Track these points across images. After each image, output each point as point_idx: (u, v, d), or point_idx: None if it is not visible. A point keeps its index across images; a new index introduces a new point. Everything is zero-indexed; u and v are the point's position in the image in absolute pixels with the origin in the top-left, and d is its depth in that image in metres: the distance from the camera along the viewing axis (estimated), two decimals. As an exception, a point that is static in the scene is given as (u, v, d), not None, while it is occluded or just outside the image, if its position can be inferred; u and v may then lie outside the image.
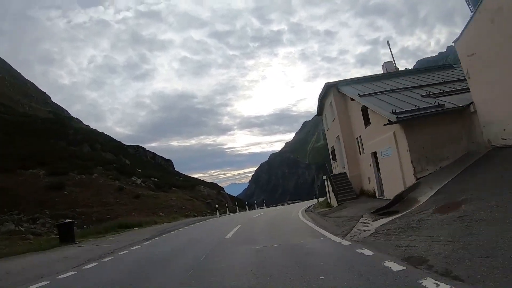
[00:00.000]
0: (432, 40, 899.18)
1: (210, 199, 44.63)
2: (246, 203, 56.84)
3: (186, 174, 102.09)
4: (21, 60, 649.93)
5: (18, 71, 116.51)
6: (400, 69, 28.46)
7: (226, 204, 45.67)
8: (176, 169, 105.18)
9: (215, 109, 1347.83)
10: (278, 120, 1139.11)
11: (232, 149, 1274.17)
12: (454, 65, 24.49)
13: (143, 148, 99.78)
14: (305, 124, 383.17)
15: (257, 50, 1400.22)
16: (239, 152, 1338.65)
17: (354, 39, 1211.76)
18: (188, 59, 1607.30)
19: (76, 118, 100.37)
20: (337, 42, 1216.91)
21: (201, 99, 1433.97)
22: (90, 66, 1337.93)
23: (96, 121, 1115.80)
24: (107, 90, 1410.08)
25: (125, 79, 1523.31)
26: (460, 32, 12.58)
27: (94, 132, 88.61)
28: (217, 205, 38.72)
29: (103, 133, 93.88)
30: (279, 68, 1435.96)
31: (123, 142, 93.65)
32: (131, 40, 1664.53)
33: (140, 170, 54.05)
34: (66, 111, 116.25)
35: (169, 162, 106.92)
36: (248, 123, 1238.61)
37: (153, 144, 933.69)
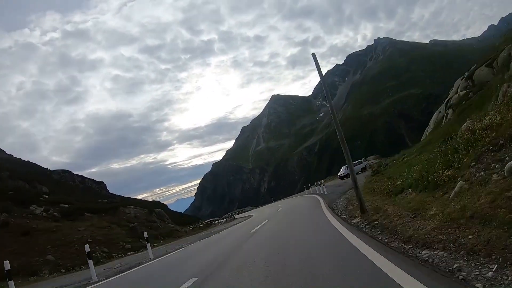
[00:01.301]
0: (359, 36, 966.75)
1: (135, 223, 34.18)
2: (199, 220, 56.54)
3: (121, 195, 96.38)
4: None
5: None
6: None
7: (161, 226, 39.55)
8: (111, 192, 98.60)
9: (152, 126, 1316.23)
10: (217, 129, 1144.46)
11: (174, 164, 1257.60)
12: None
13: (70, 172, 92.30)
14: (244, 129, 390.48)
15: (189, 62, 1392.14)
16: (182, 166, 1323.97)
17: (284, 41, 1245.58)
18: (120, 77, 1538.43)
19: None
20: (268, 46, 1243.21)
21: (137, 117, 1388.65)
22: (19, 94, 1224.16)
23: (31, 152, 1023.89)
24: (39, 117, 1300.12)
25: (57, 104, 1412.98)
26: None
27: (12, 160, 79.73)
28: (144, 232, 24.90)
29: (28, 161, 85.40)
30: (212, 78, 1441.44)
31: (49, 169, 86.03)
32: (60, 63, 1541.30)
33: (46, 196, 44.32)
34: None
35: (101, 184, 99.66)
36: (187, 136, 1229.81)
37: (93, 170, 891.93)
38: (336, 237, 7.45)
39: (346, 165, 47.37)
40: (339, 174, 45.20)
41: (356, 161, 42.20)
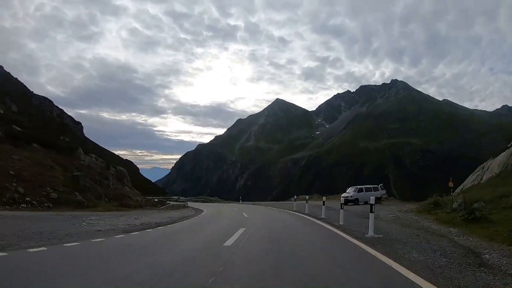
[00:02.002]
0: (378, 72, 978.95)
1: (82, 172, 28.57)
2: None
3: (97, 143, 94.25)
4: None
5: None
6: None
7: (112, 186, 34.27)
8: (86, 135, 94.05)
9: (153, 89, 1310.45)
10: (213, 113, 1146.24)
11: (161, 133, 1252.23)
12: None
13: (50, 102, 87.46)
14: (239, 121, 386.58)
15: (208, 40, 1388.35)
16: (168, 137, 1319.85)
17: (305, 52, 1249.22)
18: (138, 32, 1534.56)
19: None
20: (288, 51, 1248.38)
21: (141, 76, 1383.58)
22: (36, 14, 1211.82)
23: (29, 75, 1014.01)
24: (48, 44, 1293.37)
25: (69, 36, 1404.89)
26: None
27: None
28: (88, 184, 27.08)
29: (17, 80, 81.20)
30: (226, 63, 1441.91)
31: (33, 91, 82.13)
32: None
33: (2, 112, 39.95)
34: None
35: (78, 125, 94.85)
36: (183, 110, 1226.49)
37: (82, 111, 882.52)
38: None
39: (357, 187, 34.73)
40: (343, 195, 32.02)
41: (370, 186, 34.49)
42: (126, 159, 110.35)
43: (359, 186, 34.45)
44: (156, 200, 46.18)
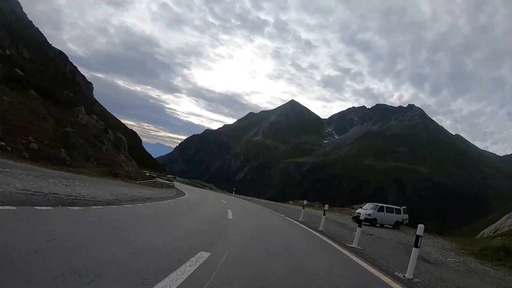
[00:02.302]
0: (397, 94, 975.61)
1: (73, 130, 26.58)
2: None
3: (103, 106, 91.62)
4: None
5: None
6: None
7: (106, 151, 32.39)
8: (95, 96, 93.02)
9: (172, 66, 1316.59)
10: (227, 101, 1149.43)
11: (172, 111, 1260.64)
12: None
13: (66, 57, 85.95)
14: (250, 115, 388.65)
15: (236, 29, 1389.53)
16: (178, 116, 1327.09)
17: (329, 60, 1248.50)
18: (168, 7, 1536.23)
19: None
20: (313, 55, 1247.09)
21: (163, 51, 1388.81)
22: None
23: (52, 29, 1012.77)
24: (77, 2, 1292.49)
25: None
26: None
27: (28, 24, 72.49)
28: (78, 143, 25.68)
29: (39, 31, 79.76)
30: (249, 55, 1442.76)
31: (51, 44, 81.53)
32: None
33: (8, 53, 39.13)
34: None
35: (89, 85, 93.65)
36: (198, 93, 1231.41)
37: (99, 75, 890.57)
38: None
39: (377, 204, 27.76)
40: (359, 211, 26.43)
41: (393, 206, 28.31)
42: (131, 129, 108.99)
43: (379, 204, 27.46)
44: (147, 174, 44.25)
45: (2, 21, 47.97)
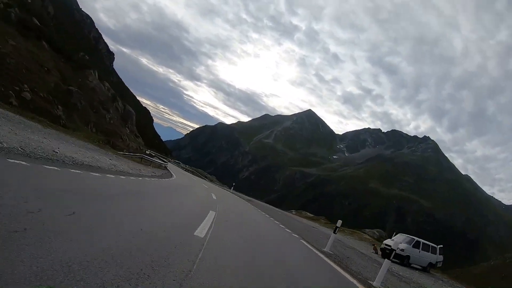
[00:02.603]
0: (414, 123, 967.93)
1: (77, 90, 25.37)
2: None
3: (121, 79, 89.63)
4: None
5: None
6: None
7: (109, 120, 30.61)
8: (115, 67, 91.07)
9: (197, 55, 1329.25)
10: (245, 99, 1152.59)
11: (190, 98, 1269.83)
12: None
13: (92, 23, 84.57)
14: (266, 116, 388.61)
15: (267, 29, 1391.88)
16: (194, 104, 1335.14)
17: (353, 77, 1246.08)
18: None
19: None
20: (338, 69, 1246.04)
21: (191, 38, 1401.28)
22: None
23: None
24: None
25: None
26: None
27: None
28: (80, 105, 24.24)
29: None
30: (275, 57, 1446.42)
31: (83, 10, 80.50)
32: None
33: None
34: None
35: (111, 55, 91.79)
36: (218, 86, 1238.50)
37: (124, 49, 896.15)
38: None
39: (412, 238, 21.45)
40: (388, 242, 21.57)
41: (429, 243, 22.06)
42: (144, 107, 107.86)
43: (415, 238, 21.47)
44: (147, 152, 42.16)
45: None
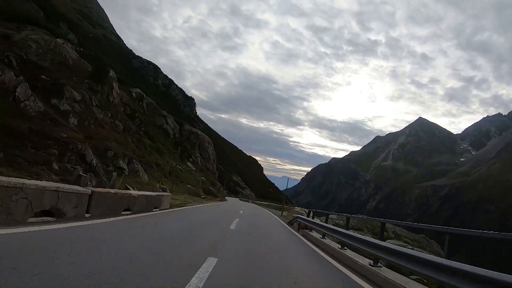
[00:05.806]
0: None
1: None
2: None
3: (238, 147, 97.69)
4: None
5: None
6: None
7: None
8: (198, 114, 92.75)
9: (291, 100, 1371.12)
10: (350, 129, 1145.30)
11: (296, 144, 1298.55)
12: None
13: (157, 68, 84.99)
14: (376, 139, 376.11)
15: (348, 54, 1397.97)
16: (303, 148, 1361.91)
17: (449, 71, 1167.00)
18: (279, 44, 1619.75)
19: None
20: (431, 69, 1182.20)
21: (281, 87, 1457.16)
22: (184, 26, 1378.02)
23: (176, 78, 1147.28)
24: (194, 52, 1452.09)
25: (214, 46, 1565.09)
26: None
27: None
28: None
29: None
30: (365, 79, 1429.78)
31: (135, 52, 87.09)
32: (229, 11, 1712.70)
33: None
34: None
35: (191, 100, 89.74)
36: (320, 124, 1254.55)
37: (223, 115, 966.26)
38: None
39: None
40: None
41: None
42: (250, 156, 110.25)
43: None
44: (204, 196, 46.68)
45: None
